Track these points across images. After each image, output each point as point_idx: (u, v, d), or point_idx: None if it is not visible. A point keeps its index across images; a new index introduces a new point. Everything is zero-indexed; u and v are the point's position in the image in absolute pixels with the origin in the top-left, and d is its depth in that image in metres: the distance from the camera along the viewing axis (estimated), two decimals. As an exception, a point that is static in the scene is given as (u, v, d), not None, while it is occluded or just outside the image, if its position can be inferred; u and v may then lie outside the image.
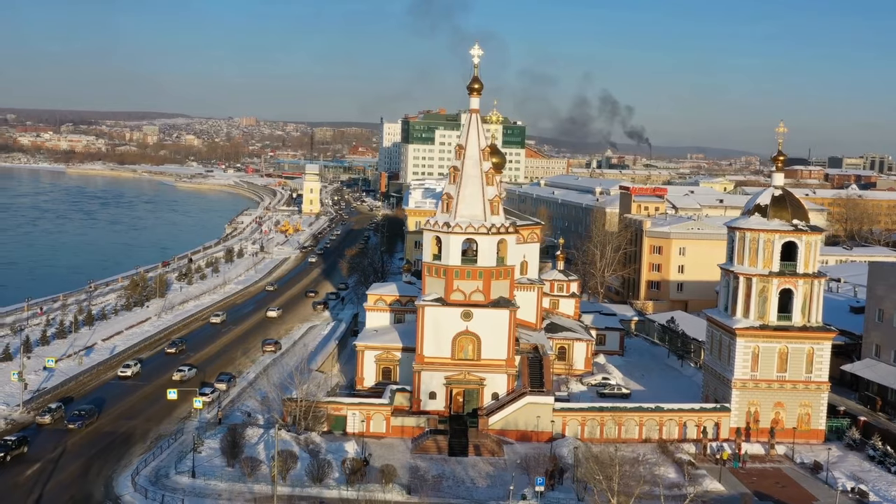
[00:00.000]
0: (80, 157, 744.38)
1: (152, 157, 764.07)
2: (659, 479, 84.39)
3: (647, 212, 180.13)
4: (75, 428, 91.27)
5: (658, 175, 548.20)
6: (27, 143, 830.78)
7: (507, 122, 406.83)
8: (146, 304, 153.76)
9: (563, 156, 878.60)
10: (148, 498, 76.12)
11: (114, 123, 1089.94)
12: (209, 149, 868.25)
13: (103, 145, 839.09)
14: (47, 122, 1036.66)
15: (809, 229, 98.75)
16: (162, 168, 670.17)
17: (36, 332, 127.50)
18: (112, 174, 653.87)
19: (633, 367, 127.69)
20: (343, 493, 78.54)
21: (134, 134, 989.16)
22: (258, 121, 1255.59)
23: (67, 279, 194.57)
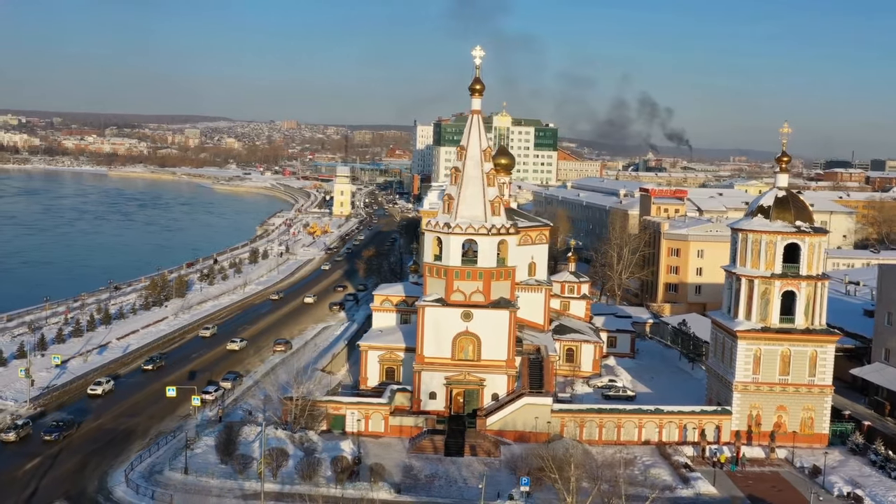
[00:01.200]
0: (122, 159, 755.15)
1: (192, 159, 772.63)
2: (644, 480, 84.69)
3: (666, 214, 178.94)
4: (52, 440, 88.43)
5: (695, 178, 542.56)
6: (71, 146, 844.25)
7: (538, 124, 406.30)
8: (165, 304, 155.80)
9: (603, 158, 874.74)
10: (139, 493, 77.41)
11: (157, 127, 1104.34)
12: (249, 152, 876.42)
13: (145, 148, 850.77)
14: (92, 125, 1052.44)
15: (813, 231, 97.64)
16: (201, 171, 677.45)
17: (53, 331, 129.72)
18: (152, 176, 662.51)
19: (643, 369, 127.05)
20: (332, 492, 79.10)
21: (176, 137, 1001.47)
22: (299, 124, 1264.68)
23: (99, 279, 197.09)
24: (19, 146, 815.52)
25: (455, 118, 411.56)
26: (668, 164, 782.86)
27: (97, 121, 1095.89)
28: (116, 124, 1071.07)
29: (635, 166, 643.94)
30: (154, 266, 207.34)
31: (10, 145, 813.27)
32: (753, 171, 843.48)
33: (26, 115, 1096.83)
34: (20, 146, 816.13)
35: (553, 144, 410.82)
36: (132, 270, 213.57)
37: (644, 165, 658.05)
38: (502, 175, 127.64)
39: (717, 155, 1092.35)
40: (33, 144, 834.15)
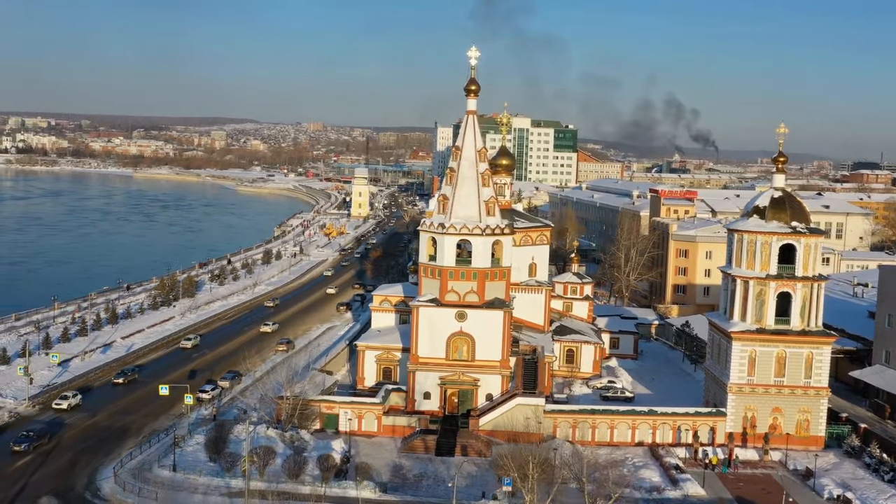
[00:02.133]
0: (148, 161, 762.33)
1: (217, 161, 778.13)
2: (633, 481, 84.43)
3: (676, 215, 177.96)
4: (21, 450, 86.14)
5: (718, 179, 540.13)
6: (98, 148, 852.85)
7: (558, 125, 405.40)
8: (173, 304, 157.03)
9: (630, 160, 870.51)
10: (126, 490, 78.16)
11: (184, 129, 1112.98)
12: (274, 153, 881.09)
13: (171, 150, 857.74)
14: (120, 127, 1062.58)
15: (808, 231, 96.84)
16: (225, 172, 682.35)
17: (60, 330, 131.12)
18: (177, 178, 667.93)
19: (645, 371, 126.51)
20: (317, 490, 79.41)
21: (202, 139, 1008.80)
22: (325, 126, 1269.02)
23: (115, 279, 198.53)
24: (48, 148, 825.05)
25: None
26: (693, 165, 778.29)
27: (125, 123, 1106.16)
28: (144, 126, 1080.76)
29: (658, 168, 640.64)
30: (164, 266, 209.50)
31: (39, 147, 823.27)
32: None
33: (56, 118, 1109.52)
34: (49, 148, 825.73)
35: (573, 146, 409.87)
36: (149, 270, 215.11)
37: (668, 167, 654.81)
38: (503, 176, 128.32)
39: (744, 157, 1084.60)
40: (61, 146, 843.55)
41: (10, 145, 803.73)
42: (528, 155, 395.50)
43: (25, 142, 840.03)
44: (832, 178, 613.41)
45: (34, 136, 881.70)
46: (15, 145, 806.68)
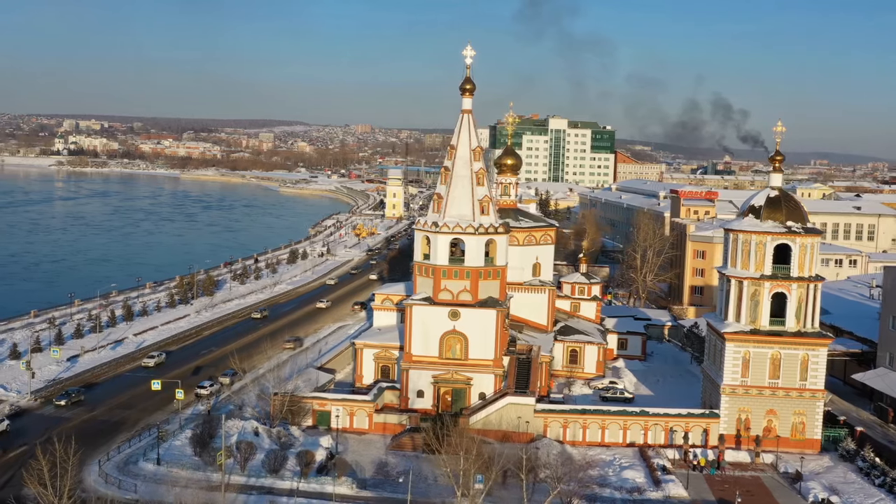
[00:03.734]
0: (196, 163, 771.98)
1: (264, 163, 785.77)
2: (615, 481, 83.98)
3: (696, 216, 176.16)
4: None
5: (762, 181, 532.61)
6: (148, 150, 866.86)
7: (595, 126, 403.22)
8: (191, 301, 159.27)
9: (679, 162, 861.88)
10: (108, 482, 79.75)
11: (232, 131, 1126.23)
12: (319, 155, 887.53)
13: (219, 152, 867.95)
14: (170, 129, 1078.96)
15: (804, 231, 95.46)
16: (270, 174, 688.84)
17: (74, 327, 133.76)
18: (222, 179, 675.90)
19: (651, 372, 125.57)
20: (295, 485, 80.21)
21: (250, 141, 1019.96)
22: (373, 128, 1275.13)
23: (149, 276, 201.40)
24: (99, 150, 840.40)
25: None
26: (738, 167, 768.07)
27: (176, 125, 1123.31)
28: (194, 129, 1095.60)
29: (703, 169, 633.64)
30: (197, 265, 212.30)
31: (90, 149, 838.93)
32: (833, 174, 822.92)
33: (108, 121, 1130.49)
34: (99, 150, 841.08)
35: (610, 147, 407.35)
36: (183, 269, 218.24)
37: (713, 169, 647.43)
38: (509, 175, 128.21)
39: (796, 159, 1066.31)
40: (112, 148, 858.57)
41: (63, 147, 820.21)
42: (565, 156, 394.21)
43: (77, 144, 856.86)
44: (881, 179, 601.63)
45: (86, 139, 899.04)
46: (67, 147, 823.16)
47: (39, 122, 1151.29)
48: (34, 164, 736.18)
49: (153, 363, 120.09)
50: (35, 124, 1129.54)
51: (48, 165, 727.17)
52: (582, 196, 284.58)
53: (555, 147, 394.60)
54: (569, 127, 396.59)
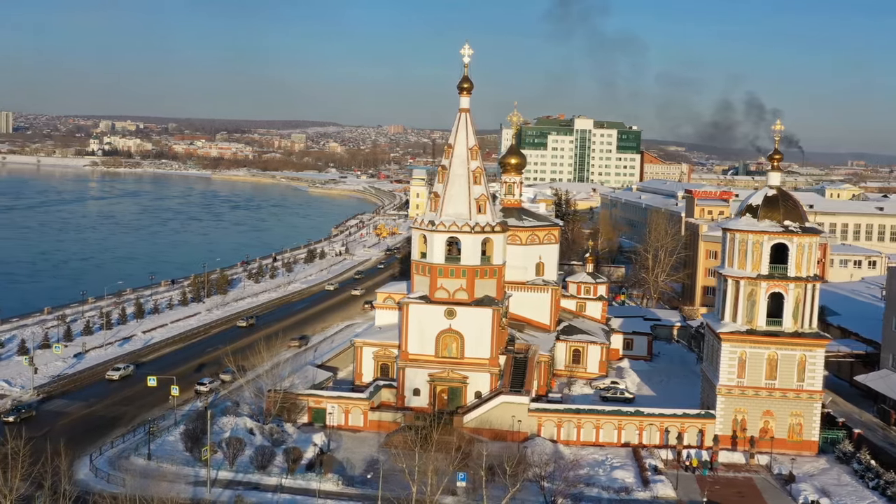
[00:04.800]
0: (227, 163, 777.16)
1: (295, 163, 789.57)
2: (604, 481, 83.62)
3: (710, 216, 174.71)
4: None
5: (792, 182, 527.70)
6: (180, 150, 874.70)
7: (621, 126, 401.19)
8: (204, 300, 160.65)
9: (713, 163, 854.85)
10: (97, 476, 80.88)
11: (265, 132, 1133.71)
12: (350, 156, 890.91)
13: (251, 153, 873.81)
14: (204, 130, 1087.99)
15: (802, 231, 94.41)
16: (300, 174, 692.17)
17: (84, 323, 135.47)
18: (253, 180, 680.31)
19: (656, 372, 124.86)
20: (281, 481, 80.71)
21: (282, 142, 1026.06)
22: (405, 128, 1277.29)
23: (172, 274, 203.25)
24: (132, 151, 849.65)
25: (536, 120, 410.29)
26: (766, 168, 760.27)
27: (210, 126, 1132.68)
28: (227, 130, 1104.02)
29: (735, 170, 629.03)
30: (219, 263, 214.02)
31: (124, 150, 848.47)
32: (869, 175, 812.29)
33: (144, 122, 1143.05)
34: (133, 151, 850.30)
35: (636, 147, 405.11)
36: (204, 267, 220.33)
37: (744, 169, 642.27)
38: (513, 175, 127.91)
39: (832, 159, 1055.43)
40: (145, 149, 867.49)
41: (97, 148, 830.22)
42: (590, 157, 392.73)
43: (111, 144, 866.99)
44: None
45: (120, 139, 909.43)
46: (101, 148, 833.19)
47: (76, 123, 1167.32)
48: (69, 165, 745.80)
49: (118, 376, 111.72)
50: (72, 125, 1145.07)
51: (83, 166, 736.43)
52: (603, 196, 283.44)
53: (580, 147, 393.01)
54: (594, 127, 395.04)
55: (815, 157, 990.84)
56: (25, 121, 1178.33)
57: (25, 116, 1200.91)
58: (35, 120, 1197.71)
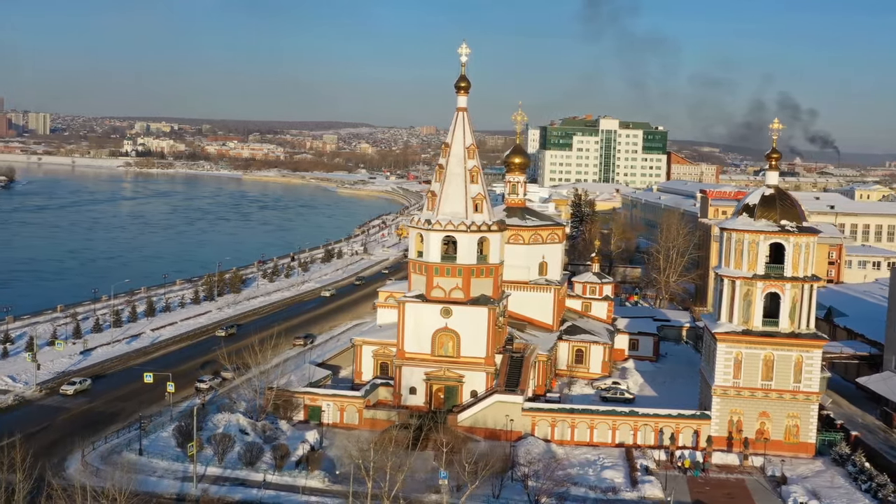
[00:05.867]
0: (259, 164, 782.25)
1: (325, 164, 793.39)
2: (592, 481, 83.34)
3: (724, 216, 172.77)
4: None
5: (825, 182, 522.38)
6: (213, 151, 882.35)
7: (647, 127, 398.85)
8: (217, 298, 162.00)
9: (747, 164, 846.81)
10: (86, 470, 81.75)
11: (298, 133, 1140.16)
12: (381, 157, 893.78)
13: (282, 153, 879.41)
14: (237, 131, 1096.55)
15: (799, 230, 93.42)
16: (329, 175, 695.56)
17: (96, 321, 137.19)
18: (283, 180, 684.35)
19: (660, 373, 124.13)
20: (268, 478, 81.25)
21: (314, 143, 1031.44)
22: (438, 130, 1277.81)
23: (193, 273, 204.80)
24: (166, 151, 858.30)
25: (562, 121, 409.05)
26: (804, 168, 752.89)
27: (243, 127, 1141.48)
28: (260, 130, 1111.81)
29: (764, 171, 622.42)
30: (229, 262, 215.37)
31: (158, 151, 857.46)
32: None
33: (179, 123, 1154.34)
34: (166, 152, 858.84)
35: (662, 147, 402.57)
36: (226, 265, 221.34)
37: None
38: (517, 174, 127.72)
39: (868, 160, 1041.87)
40: (178, 150, 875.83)
41: (131, 149, 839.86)
42: (616, 157, 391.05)
43: (145, 145, 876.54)
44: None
45: (154, 140, 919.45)
46: (135, 149, 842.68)
47: (112, 124, 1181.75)
48: (103, 165, 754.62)
49: (72, 391, 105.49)
50: (108, 126, 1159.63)
51: (116, 166, 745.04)
52: (624, 197, 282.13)
53: (605, 148, 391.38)
54: (620, 127, 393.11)
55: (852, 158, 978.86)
56: (63, 122, 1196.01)
57: (63, 118, 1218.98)
58: (72, 121, 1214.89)
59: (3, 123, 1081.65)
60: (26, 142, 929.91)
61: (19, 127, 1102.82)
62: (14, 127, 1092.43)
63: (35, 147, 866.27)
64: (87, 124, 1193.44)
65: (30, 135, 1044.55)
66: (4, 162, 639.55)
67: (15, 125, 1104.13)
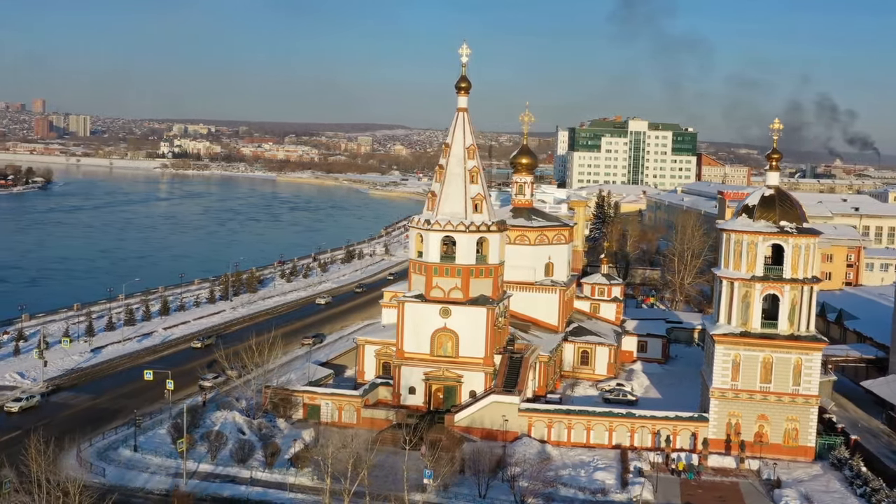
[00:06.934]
0: (293, 166, 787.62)
1: (359, 166, 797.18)
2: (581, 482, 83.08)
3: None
4: None
5: (860, 184, 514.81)
6: (248, 153, 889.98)
7: (677, 128, 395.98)
8: (232, 298, 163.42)
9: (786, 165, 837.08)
10: (81, 466, 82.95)
11: (333, 135, 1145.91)
12: (415, 158, 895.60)
13: (316, 155, 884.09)
14: (273, 133, 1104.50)
15: (798, 232, 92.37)
16: (362, 176, 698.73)
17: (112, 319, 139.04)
18: (316, 182, 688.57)
19: (669, 375, 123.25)
20: (258, 475, 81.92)
21: (348, 144, 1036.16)
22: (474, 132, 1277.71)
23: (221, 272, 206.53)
24: (202, 153, 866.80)
25: (591, 123, 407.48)
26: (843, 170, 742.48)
27: (280, 129, 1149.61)
28: (296, 132, 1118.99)
29: (802, 173, 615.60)
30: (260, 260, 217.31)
31: (194, 152, 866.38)
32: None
33: (216, 125, 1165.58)
34: (203, 153, 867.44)
35: (692, 149, 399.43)
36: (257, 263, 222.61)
37: (812, 172, 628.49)
38: (524, 175, 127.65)
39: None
40: (214, 151, 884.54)
41: (167, 150, 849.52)
42: (645, 158, 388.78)
43: (181, 147, 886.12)
44: None
45: (190, 142, 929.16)
46: (171, 150, 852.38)
47: (151, 126, 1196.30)
48: (140, 167, 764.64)
49: (17, 408, 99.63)
50: (147, 128, 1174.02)
51: (153, 168, 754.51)
52: (649, 199, 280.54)
53: (634, 149, 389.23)
54: (649, 129, 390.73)
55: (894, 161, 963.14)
56: (103, 124, 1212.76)
57: (103, 120, 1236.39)
58: (112, 123, 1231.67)
59: (45, 126, 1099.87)
60: (66, 144, 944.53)
61: (60, 129, 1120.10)
62: (55, 129, 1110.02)
63: (74, 149, 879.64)
64: (126, 126, 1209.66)
65: (70, 137, 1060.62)
66: (43, 164, 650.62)
67: (56, 127, 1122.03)
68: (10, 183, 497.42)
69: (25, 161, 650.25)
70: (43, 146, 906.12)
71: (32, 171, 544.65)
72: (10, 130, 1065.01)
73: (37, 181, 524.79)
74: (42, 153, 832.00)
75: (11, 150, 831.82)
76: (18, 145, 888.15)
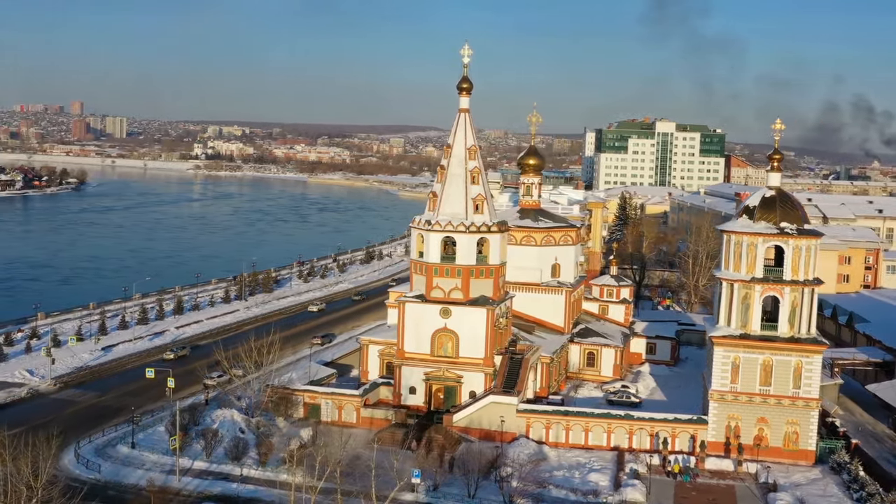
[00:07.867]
0: (324, 167, 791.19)
1: (390, 167, 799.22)
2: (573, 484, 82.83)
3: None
4: None
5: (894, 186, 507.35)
6: (280, 154, 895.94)
7: (705, 129, 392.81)
8: (247, 298, 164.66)
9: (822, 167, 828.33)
10: (78, 462, 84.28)
11: (365, 136, 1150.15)
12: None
13: (348, 157, 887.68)
14: (306, 135, 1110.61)
15: (798, 233, 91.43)
16: (393, 178, 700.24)
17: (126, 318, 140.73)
18: (346, 183, 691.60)
19: (677, 377, 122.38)
20: (251, 473, 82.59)
21: (381, 146, 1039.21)
22: (507, 133, 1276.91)
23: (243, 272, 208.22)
24: (235, 155, 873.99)
25: (618, 124, 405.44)
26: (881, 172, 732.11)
27: (313, 131, 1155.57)
28: (329, 134, 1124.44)
29: (836, 174, 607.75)
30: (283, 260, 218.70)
31: (227, 154, 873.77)
32: None
33: (250, 126, 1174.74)
34: (235, 155, 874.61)
35: (720, 151, 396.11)
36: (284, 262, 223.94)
37: (846, 174, 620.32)
38: (531, 176, 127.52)
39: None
40: (246, 153, 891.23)
41: (201, 152, 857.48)
42: (672, 160, 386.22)
43: (214, 149, 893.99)
44: None
45: (224, 144, 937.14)
46: (205, 152, 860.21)
47: (186, 127, 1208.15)
48: (173, 168, 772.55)
49: None
50: (182, 130, 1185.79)
51: (186, 169, 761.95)
52: (672, 200, 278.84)
53: (661, 150, 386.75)
54: (677, 130, 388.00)
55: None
56: (139, 126, 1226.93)
57: (139, 122, 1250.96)
58: (148, 125, 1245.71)
59: (82, 128, 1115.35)
60: (102, 145, 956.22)
61: (97, 131, 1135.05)
62: (92, 131, 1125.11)
63: (109, 150, 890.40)
64: (161, 128, 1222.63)
65: (106, 139, 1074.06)
66: (78, 165, 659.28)
67: (93, 129, 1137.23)
68: (43, 184, 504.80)
69: (61, 162, 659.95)
70: (79, 147, 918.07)
71: (67, 172, 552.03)
72: (48, 132, 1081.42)
73: (70, 182, 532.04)
74: (78, 154, 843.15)
75: (48, 151, 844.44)
76: (55, 147, 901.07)
